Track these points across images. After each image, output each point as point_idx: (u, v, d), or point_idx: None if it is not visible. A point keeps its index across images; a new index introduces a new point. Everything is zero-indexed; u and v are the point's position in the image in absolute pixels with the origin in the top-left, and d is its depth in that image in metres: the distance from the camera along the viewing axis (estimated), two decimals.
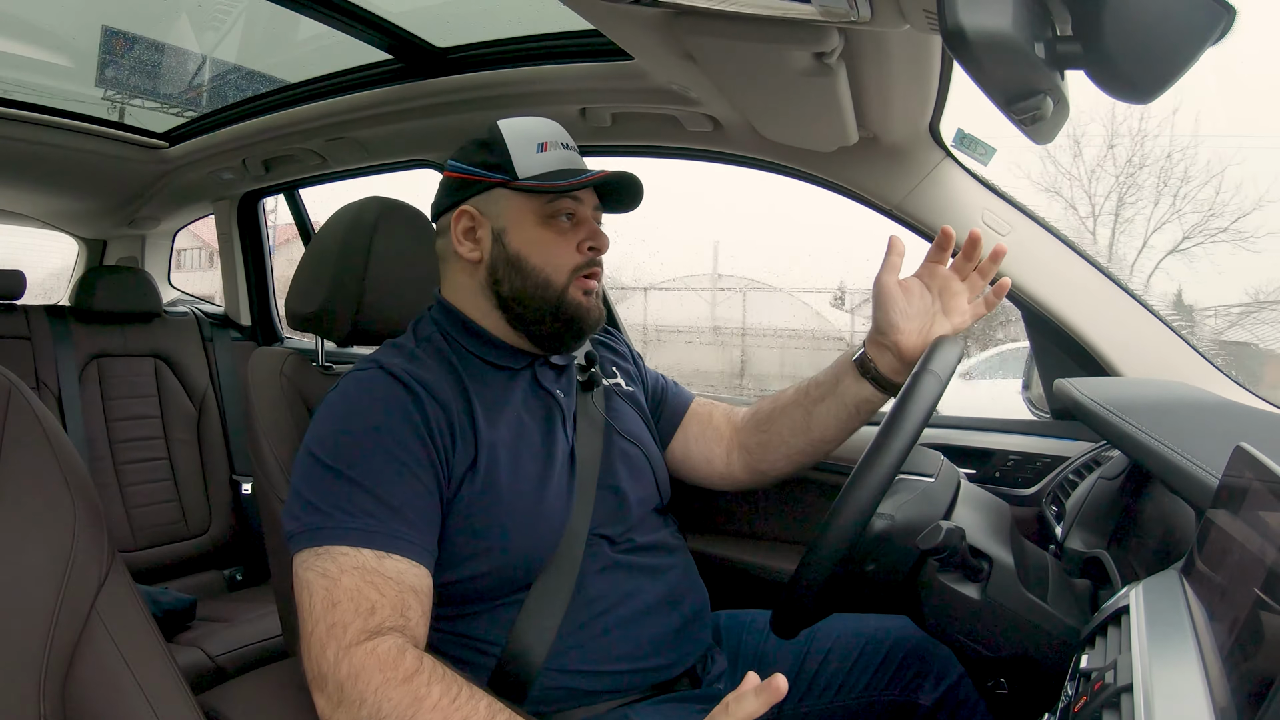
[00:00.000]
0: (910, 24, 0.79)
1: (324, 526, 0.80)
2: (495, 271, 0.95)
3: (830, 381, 1.03)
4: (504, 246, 0.94)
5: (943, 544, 0.77)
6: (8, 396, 0.76)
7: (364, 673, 0.73)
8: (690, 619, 0.96)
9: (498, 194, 0.95)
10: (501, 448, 0.89)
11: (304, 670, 0.78)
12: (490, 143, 0.95)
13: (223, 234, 2.42)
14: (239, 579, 2.09)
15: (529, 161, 0.93)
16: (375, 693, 0.72)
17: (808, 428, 1.05)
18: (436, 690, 0.72)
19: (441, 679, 0.74)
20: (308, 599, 0.78)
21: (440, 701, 0.72)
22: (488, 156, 0.95)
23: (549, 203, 0.94)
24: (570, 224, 0.95)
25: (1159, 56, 0.57)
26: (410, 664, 0.74)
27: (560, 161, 0.95)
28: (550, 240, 0.94)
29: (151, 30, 1.56)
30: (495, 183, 0.94)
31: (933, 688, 0.98)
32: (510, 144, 0.94)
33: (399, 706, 0.71)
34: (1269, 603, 0.45)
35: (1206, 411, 0.89)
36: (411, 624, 0.78)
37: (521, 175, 0.93)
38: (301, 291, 1.16)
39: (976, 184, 1.23)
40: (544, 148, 0.95)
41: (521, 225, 0.94)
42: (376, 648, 0.74)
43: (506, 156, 0.94)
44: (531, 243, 0.94)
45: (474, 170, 0.95)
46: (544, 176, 0.93)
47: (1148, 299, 1.18)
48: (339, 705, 0.74)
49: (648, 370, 1.18)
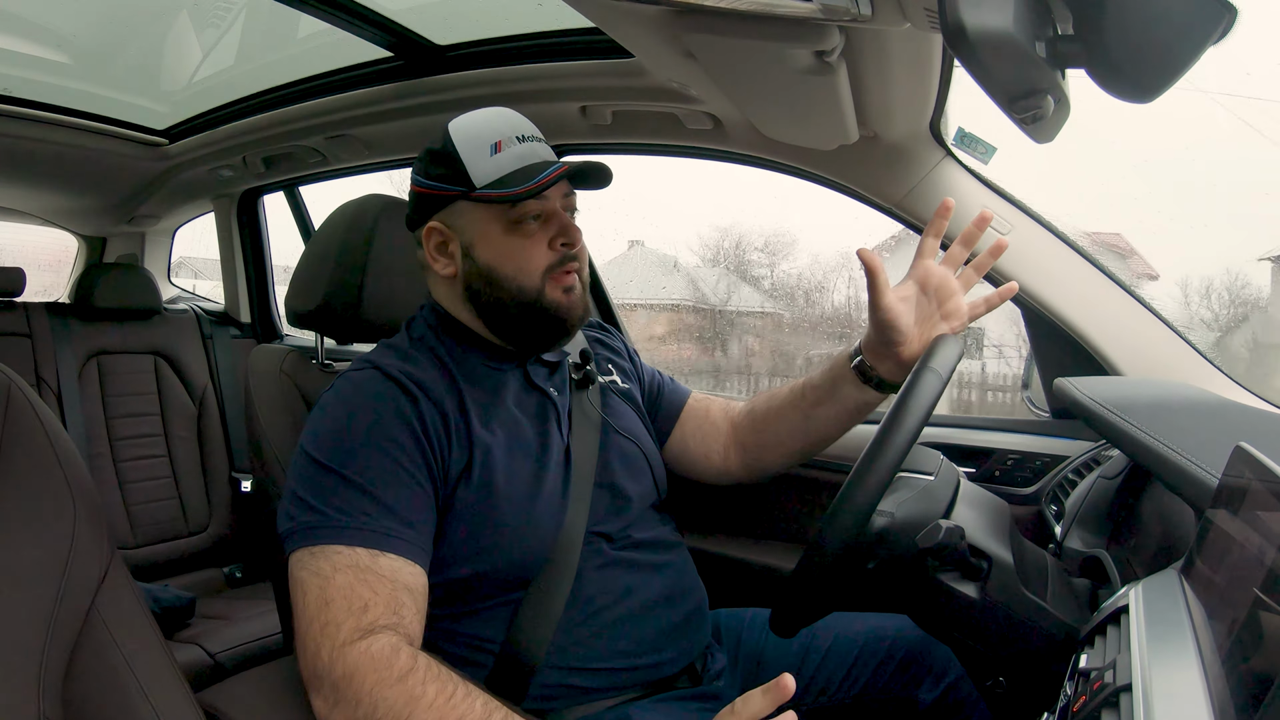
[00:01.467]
0: (911, 22, 0.79)
1: (318, 526, 0.80)
2: (470, 285, 0.94)
3: (827, 386, 1.02)
4: (474, 261, 0.92)
5: (942, 543, 0.77)
6: (7, 394, 0.75)
7: (358, 673, 0.73)
8: (689, 616, 0.96)
9: (460, 206, 0.92)
10: (496, 447, 0.89)
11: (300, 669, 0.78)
12: (443, 152, 0.92)
13: (223, 231, 2.42)
14: (238, 576, 2.09)
15: (484, 168, 0.90)
16: (370, 693, 0.72)
17: (806, 431, 1.05)
18: (432, 689, 0.72)
19: (437, 678, 0.74)
20: (301, 598, 0.78)
21: (436, 700, 0.72)
22: (444, 168, 0.92)
23: (512, 209, 0.91)
24: (538, 224, 0.92)
25: (1160, 55, 0.57)
26: (404, 663, 0.74)
27: (516, 160, 0.91)
28: (518, 247, 0.91)
29: (152, 27, 1.55)
30: (454, 195, 0.92)
31: (932, 686, 0.98)
32: (462, 152, 0.91)
33: (394, 706, 0.71)
34: (1268, 602, 0.45)
35: (1206, 411, 0.89)
36: (405, 621, 0.78)
37: (479, 184, 0.90)
38: (302, 288, 1.16)
39: (977, 182, 1.23)
40: (498, 148, 0.91)
41: (487, 236, 0.92)
42: (370, 647, 0.74)
43: (460, 166, 0.90)
44: (500, 253, 0.92)
45: (433, 185, 0.93)
46: (502, 181, 0.90)
47: (1148, 298, 1.18)
48: (335, 705, 0.74)
49: (644, 366, 1.17)
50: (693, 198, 6.46)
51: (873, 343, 0.98)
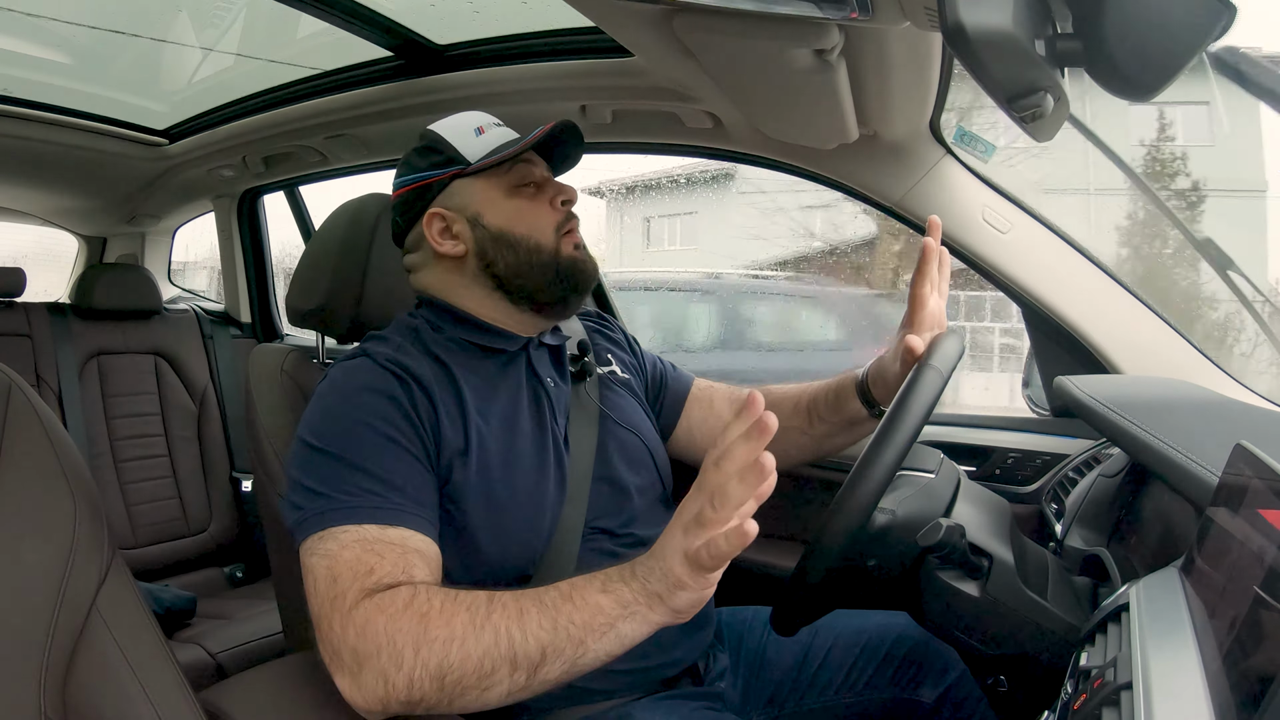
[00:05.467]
0: (910, 21, 0.79)
1: (325, 510, 0.78)
2: (485, 255, 0.95)
3: (843, 423, 1.06)
4: (485, 228, 0.96)
5: (943, 541, 0.77)
6: (8, 394, 0.75)
7: (370, 623, 0.70)
8: (694, 616, 0.96)
9: (457, 186, 0.97)
10: (492, 435, 0.89)
11: (313, 667, 0.76)
12: (431, 145, 0.98)
13: (223, 231, 2.42)
14: (239, 576, 2.09)
15: (474, 146, 0.96)
16: (385, 632, 0.69)
17: (817, 451, 1.10)
18: (438, 600, 0.71)
19: (440, 593, 0.72)
20: (313, 584, 0.76)
21: (444, 606, 0.71)
22: (434, 157, 0.97)
23: (508, 173, 0.96)
24: (535, 189, 0.98)
25: (1159, 54, 0.57)
26: (405, 593, 0.72)
27: (500, 138, 0.98)
28: (525, 207, 0.96)
29: (152, 27, 1.55)
30: (451, 176, 0.96)
31: (933, 685, 0.98)
32: (451, 138, 0.97)
33: (409, 633, 0.69)
34: (1268, 601, 0.45)
35: (1206, 409, 0.89)
36: (417, 579, 0.76)
37: (472, 160, 0.96)
38: (302, 288, 1.15)
39: (977, 181, 1.23)
40: (481, 131, 0.98)
41: (493, 203, 0.96)
42: (378, 599, 0.72)
43: (452, 149, 0.96)
44: (509, 215, 0.96)
45: (426, 174, 0.97)
46: (492, 154, 0.95)
47: (1147, 296, 1.18)
48: (360, 673, 0.70)
49: (645, 355, 1.17)
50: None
51: (880, 366, 1.00)
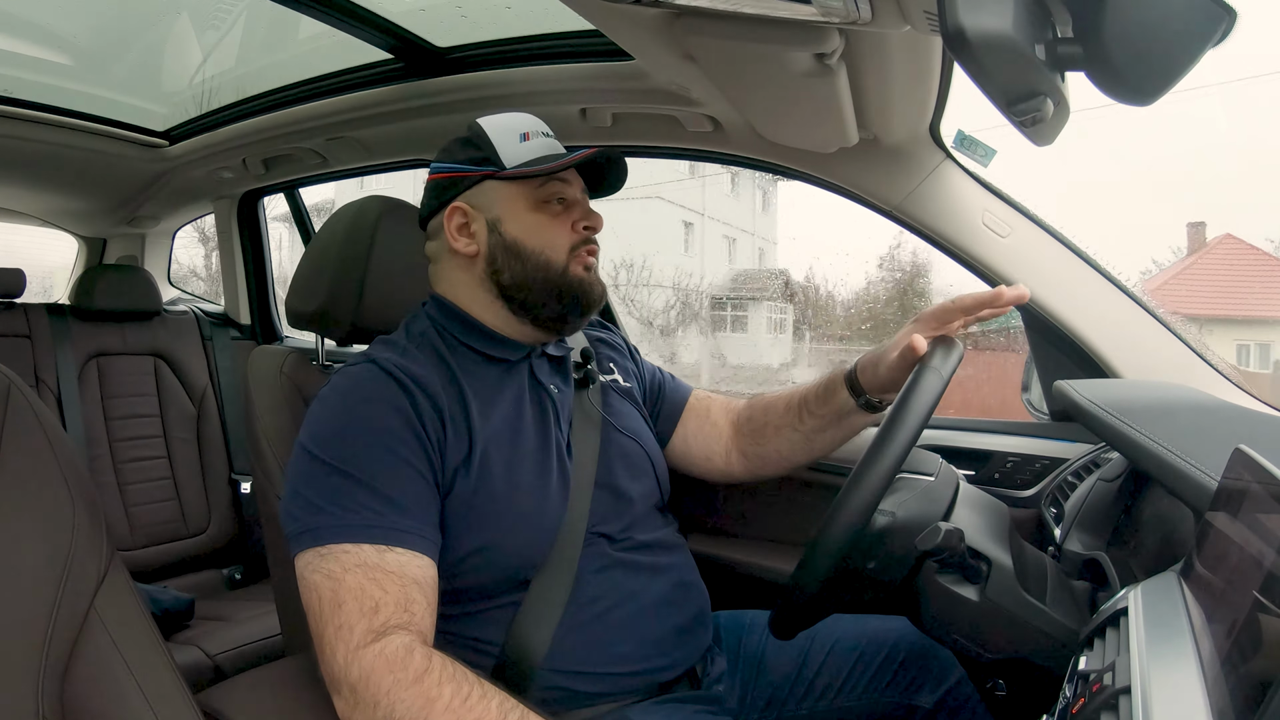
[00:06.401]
0: (911, 25, 0.79)
1: (324, 525, 0.80)
2: (494, 261, 0.95)
3: (832, 415, 1.03)
4: (500, 235, 0.95)
5: (942, 545, 0.77)
6: (7, 395, 0.75)
7: (374, 675, 0.73)
8: (692, 619, 0.96)
9: (487, 186, 0.96)
10: (495, 441, 0.89)
11: (311, 669, 0.78)
12: (473, 139, 0.97)
13: (223, 233, 2.41)
14: (238, 578, 2.08)
15: (514, 151, 0.95)
16: (387, 695, 0.72)
17: (809, 449, 1.08)
18: (448, 690, 0.73)
19: (452, 678, 0.74)
20: (315, 601, 0.79)
21: (452, 702, 0.72)
22: (473, 152, 0.96)
23: (539, 187, 0.95)
24: (562, 207, 0.96)
25: (1160, 58, 0.57)
26: (419, 663, 0.74)
27: (544, 148, 0.97)
28: (545, 223, 0.95)
29: (153, 28, 1.55)
30: (484, 175, 0.95)
31: (932, 689, 0.98)
32: (494, 137, 0.96)
33: (412, 708, 0.72)
34: (1267, 605, 0.45)
35: (1205, 414, 0.89)
36: (417, 619, 0.79)
37: (509, 165, 0.95)
38: (302, 290, 1.15)
39: (977, 185, 1.23)
40: (526, 137, 0.97)
41: (515, 212, 0.95)
42: (384, 649, 0.74)
43: (492, 149, 0.95)
44: (527, 227, 0.95)
45: (461, 167, 0.97)
46: (530, 164, 0.94)
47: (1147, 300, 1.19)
48: (355, 707, 0.74)
49: (645, 364, 1.18)
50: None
51: (889, 387, 0.97)
